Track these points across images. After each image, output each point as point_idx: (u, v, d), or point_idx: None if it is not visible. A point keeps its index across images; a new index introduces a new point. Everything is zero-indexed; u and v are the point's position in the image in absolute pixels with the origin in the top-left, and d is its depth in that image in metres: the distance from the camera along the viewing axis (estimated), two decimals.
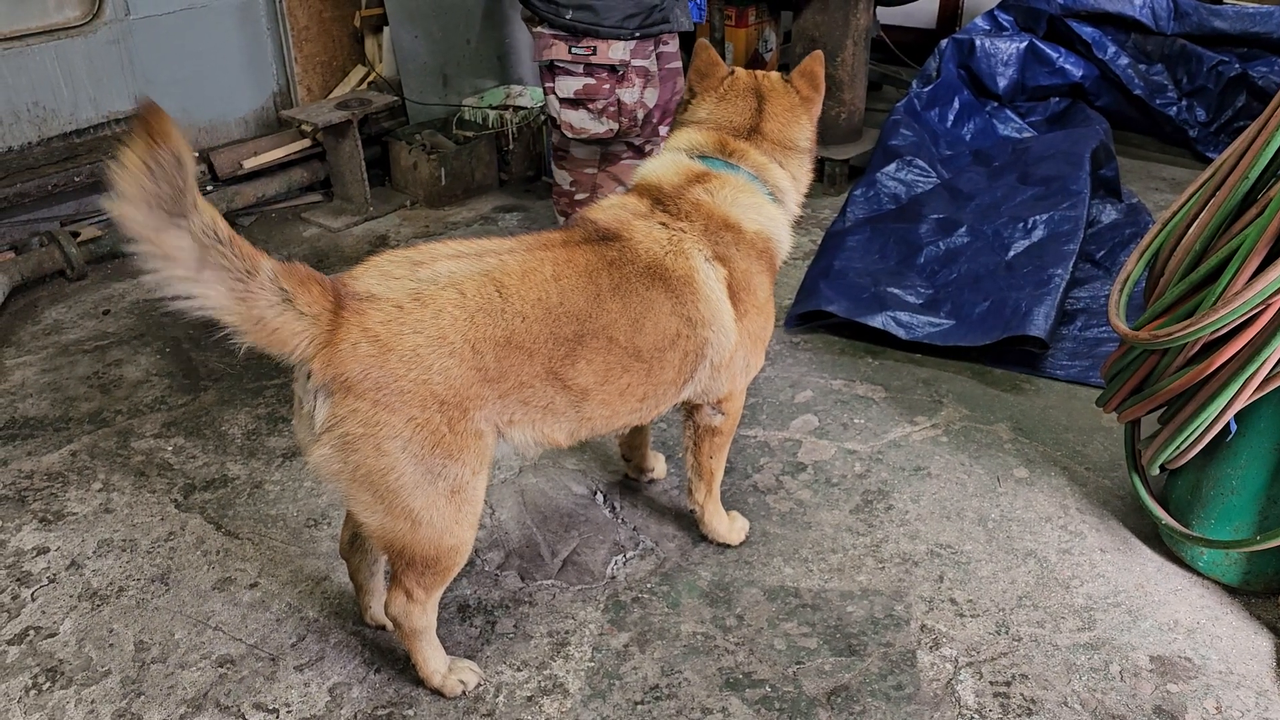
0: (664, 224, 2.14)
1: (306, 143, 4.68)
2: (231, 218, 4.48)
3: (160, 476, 2.89)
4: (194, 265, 1.64)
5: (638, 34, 3.29)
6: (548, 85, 3.43)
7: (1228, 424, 2.15)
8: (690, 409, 2.39)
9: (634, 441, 2.75)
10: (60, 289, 3.97)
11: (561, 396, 1.97)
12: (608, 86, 3.34)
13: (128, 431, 3.09)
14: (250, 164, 4.54)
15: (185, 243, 1.62)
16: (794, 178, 2.34)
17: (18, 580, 2.53)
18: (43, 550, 2.62)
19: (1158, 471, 2.41)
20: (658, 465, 2.81)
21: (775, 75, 2.40)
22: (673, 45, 3.53)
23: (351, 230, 4.46)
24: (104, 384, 3.34)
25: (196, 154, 4.50)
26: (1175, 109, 4.89)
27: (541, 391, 1.94)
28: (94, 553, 2.61)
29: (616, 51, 3.29)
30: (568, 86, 3.36)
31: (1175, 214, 2.29)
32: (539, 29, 3.35)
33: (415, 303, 1.81)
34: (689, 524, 2.65)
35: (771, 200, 2.28)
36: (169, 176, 1.56)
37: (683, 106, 2.44)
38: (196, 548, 2.62)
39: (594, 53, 3.28)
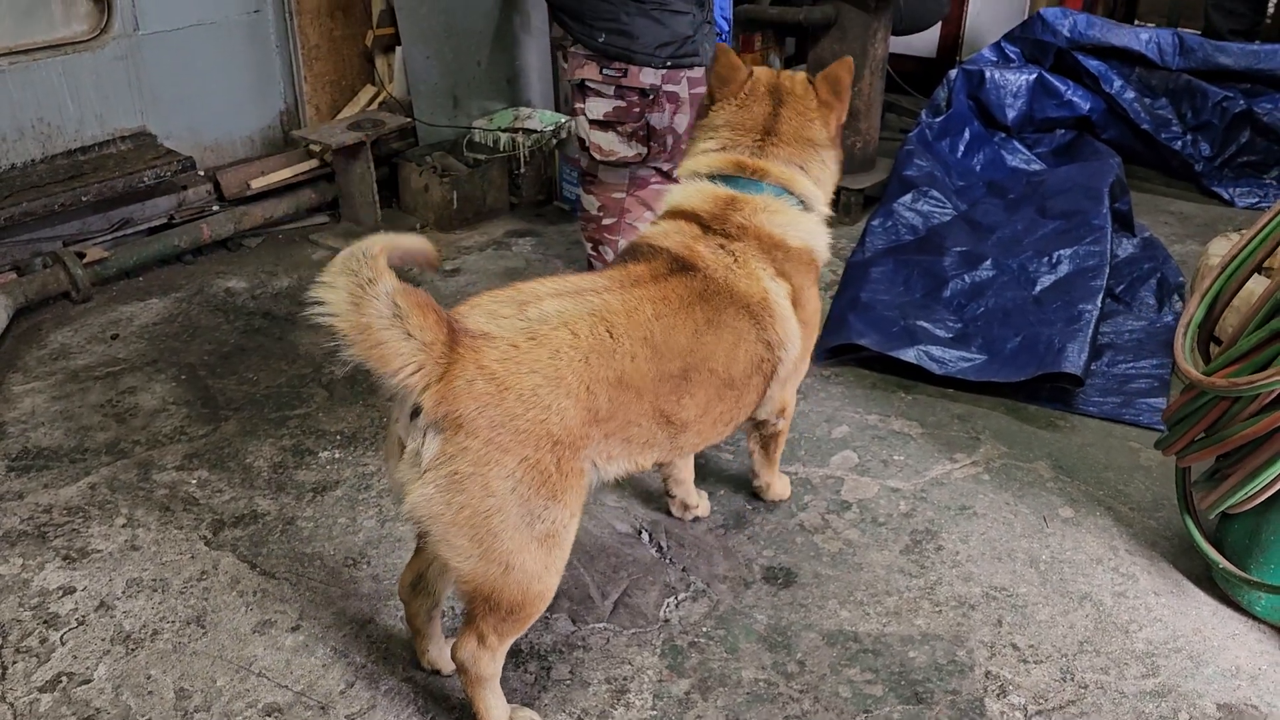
0: (722, 246, 2.16)
1: (315, 163, 4.60)
2: (239, 238, 4.39)
3: (186, 511, 2.79)
4: (338, 269, 1.68)
5: (669, 64, 3.27)
6: (578, 106, 3.40)
7: None
8: (756, 423, 2.53)
9: (679, 475, 2.71)
10: (64, 312, 3.85)
11: (662, 431, 2.00)
12: (638, 110, 3.31)
13: (148, 463, 2.99)
14: (258, 184, 4.44)
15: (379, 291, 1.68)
16: (818, 180, 2.35)
17: (45, 623, 2.42)
18: (69, 590, 2.52)
19: (1213, 516, 2.41)
20: (702, 502, 2.77)
21: (800, 76, 2.40)
22: (699, 71, 3.51)
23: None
24: (119, 413, 3.23)
25: (202, 173, 4.41)
26: (1181, 143, 4.94)
27: (646, 428, 1.97)
28: (123, 593, 2.51)
29: (647, 75, 3.26)
30: (598, 108, 3.33)
31: (1236, 257, 2.30)
32: (573, 49, 3.32)
33: (531, 342, 1.79)
34: (738, 563, 2.60)
35: (802, 210, 2.30)
36: None
37: (703, 110, 2.44)
38: (231, 588, 2.53)
39: (625, 74, 3.26)
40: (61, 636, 2.38)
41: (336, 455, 3.02)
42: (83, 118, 4.09)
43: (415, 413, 1.77)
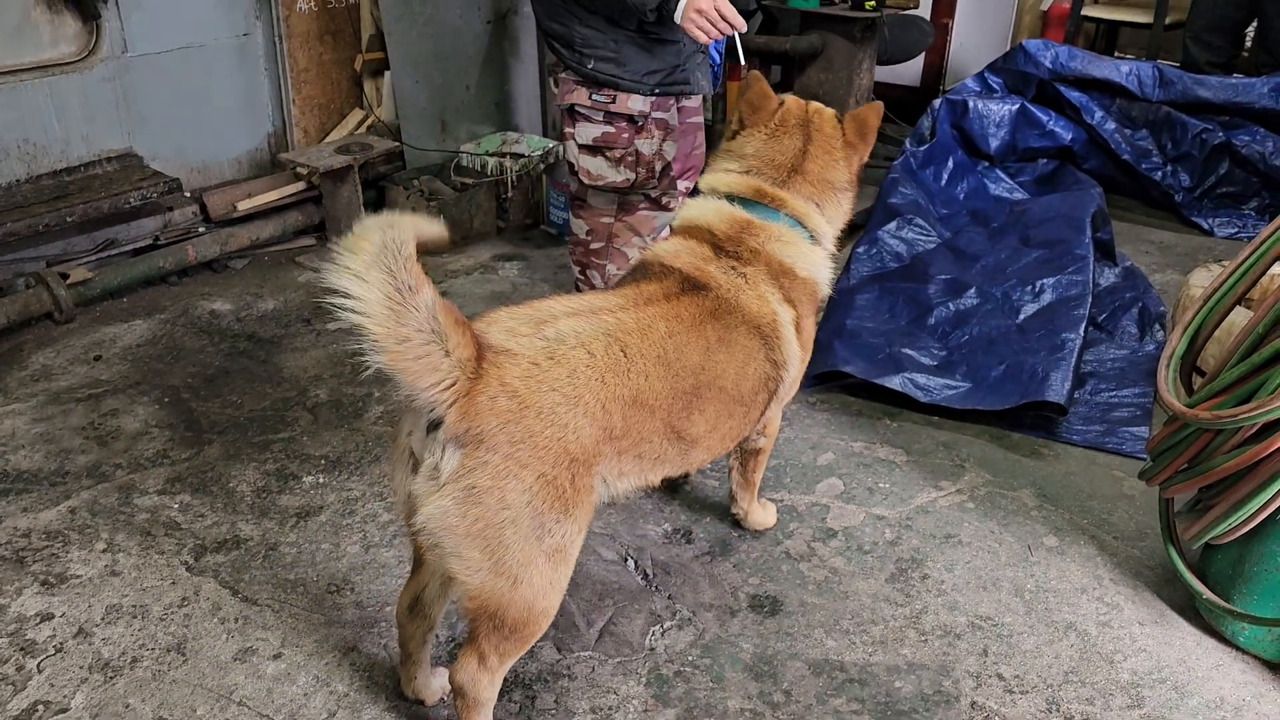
0: (734, 268, 2.22)
1: (301, 185, 4.59)
2: (224, 260, 4.37)
3: (168, 536, 2.76)
4: (367, 262, 1.60)
5: (657, 91, 3.29)
6: (568, 130, 3.42)
7: None
8: None
9: None
10: (47, 332, 3.83)
11: (673, 447, 2.05)
12: (626, 136, 3.33)
13: (129, 487, 2.96)
14: (244, 206, 4.44)
15: (376, 239, 1.61)
16: (830, 219, 2.41)
17: (22, 650, 2.39)
18: (47, 616, 2.49)
19: (1197, 546, 2.42)
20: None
21: (829, 114, 2.43)
22: (694, 100, 3.53)
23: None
24: (100, 435, 3.20)
25: (189, 195, 4.40)
26: (1161, 174, 5.00)
27: (657, 445, 2.01)
28: (102, 619, 2.48)
29: (636, 103, 3.28)
30: (587, 133, 3.35)
31: (1218, 290, 2.32)
32: (563, 75, 3.33)
33: (550, 361, 1.83)
34: (724, 591, 2.60)
35: (811, 243, 2.36)
36: None
37: (730, 134, 2.47)
38: (213, 614, 2.50)
39: (614, 101, 3.28)
40: (39, 664, 2.35)
41: (320, 480, 3.00)
42: (69, 139, 4.08)
43: (432, 426, 1.78)
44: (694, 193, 2.52)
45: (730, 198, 2.35)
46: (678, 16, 2.88)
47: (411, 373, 1.69)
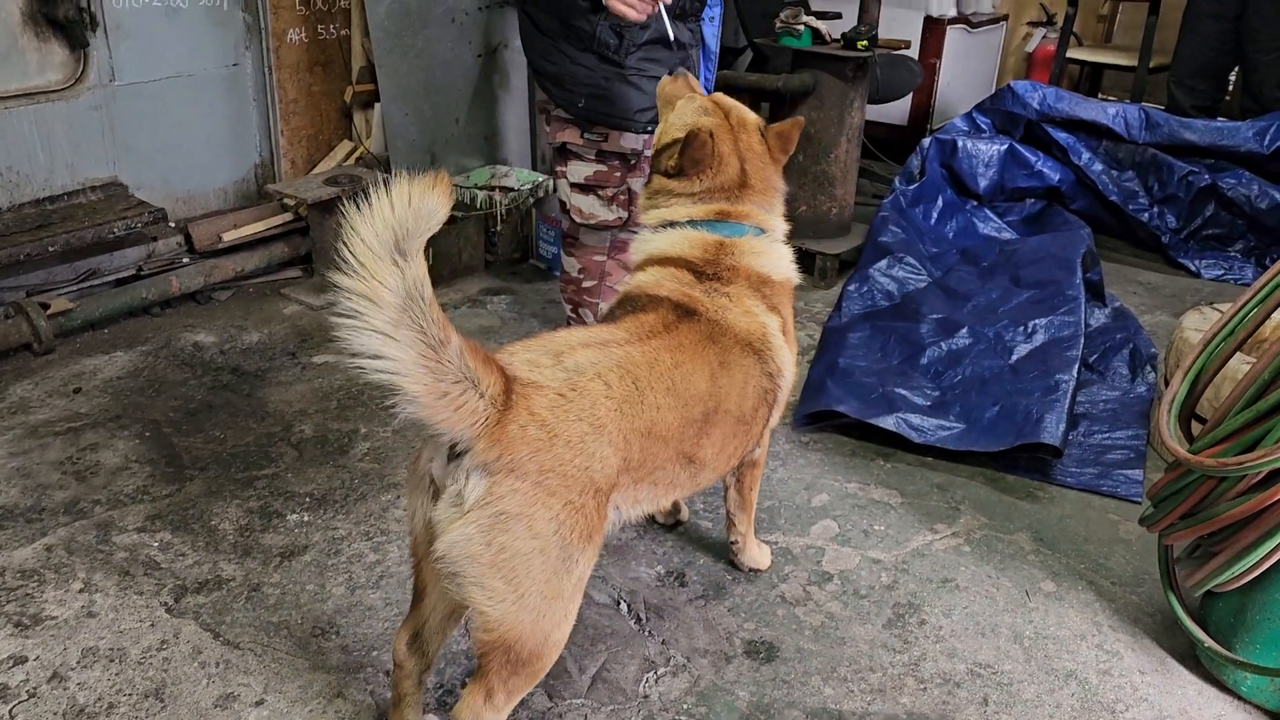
0: (717, 289, 2.26)
1: (288, 216, 4.55)
2: (209, 291, 4.32)
3: (147, 576, 2.69)
4: (394, 318, 1.57)
5: (649, 129, 3.28)
6: (559, 169, 3.40)
7: None
8: None
9: None
10: (25, 364, 3.75)
11: (684, 472, 2.08)
12: (619, 174, 3.32)
13: (108, 524, 2.88)
14: (230, 237, 4.39)
15: (396, 284, 1.55)
16: (778, 215, 2.51)
17: None
18: (20, 660, 2.40)
19: (1198, 594, 2.39)
20: (684, 508, 2.97)
21: (752, 126, 2.46)
22: None
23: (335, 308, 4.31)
24: (79, 470, 3.12)
25: (173, 225, 4.34)
26: (1148, 215, 5.03)
27: (671, 471, 2.05)
28: (78, 663, 2.40)
29: (629, 140, 3.27)
30: (579, 172, 3.33)
31: (1218, 335, 2.31)
32: (555, 113, 3.32)
33: (574, 392, 1.85)
34: (719, 637, 2.55)
35: (774, 242, 2.45)
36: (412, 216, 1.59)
37: (663, 173, 2.43)
38: (193, 658, 2.43)
39: (606, 139, 3.27)
40: (11, 710, 2.27)
41: (305, 518, 2.93)
42: (53, 167, 4.02)
43: (454, 454, 1.76)
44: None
45: (693, 223, 2.38)
46: None
47: (450, 421, 1.68)
